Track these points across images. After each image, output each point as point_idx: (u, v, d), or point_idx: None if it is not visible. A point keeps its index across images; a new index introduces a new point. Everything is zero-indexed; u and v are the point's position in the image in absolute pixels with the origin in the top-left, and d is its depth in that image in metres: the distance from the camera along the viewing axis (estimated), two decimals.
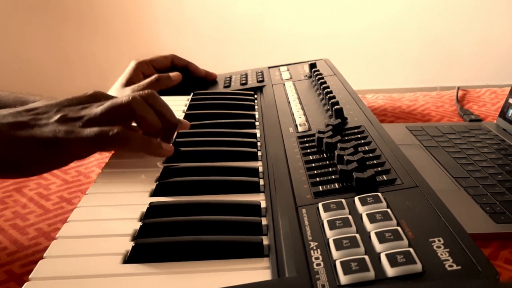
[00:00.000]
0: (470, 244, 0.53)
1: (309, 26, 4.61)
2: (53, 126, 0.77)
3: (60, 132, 0.76)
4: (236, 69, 1.53)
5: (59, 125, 0.77)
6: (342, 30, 4.64)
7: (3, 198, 0.96)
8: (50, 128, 0.77)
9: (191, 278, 0.57)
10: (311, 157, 0.80)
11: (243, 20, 4.58)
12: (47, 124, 0.77)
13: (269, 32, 4.61)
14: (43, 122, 0.78)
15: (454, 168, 1.01)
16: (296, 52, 4.44)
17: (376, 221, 0.58)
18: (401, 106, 1.49)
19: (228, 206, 0.71)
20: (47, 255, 0.60)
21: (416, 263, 0.50)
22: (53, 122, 0.78)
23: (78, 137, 0.76)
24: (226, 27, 4.59)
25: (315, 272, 0.52)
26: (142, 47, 4.52)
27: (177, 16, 4.53)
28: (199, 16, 4.53)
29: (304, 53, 4.03)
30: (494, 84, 3.71)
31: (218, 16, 4.55)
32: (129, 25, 4.52)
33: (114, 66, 2.93)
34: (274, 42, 4.62)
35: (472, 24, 4.65)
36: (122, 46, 4.55)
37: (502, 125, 1.26)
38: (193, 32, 4.57)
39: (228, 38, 4.63)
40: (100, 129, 0.77)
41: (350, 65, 3.47)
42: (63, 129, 0.76)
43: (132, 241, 0.63)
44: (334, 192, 0.68)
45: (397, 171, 0.71)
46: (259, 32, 4.61)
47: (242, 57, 4.62)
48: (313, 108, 1.03)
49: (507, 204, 0.88)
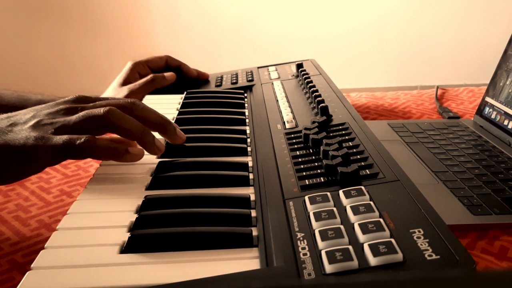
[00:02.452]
0: (449, 235, 0.53)
1: (296, 28, 4.61)
2: (25, 132, 0.74)
3: (31, 139, 0.72)
4: (227, 69, 1.53)
5: (31, 131, 0.74)
6: (328, 32, 4.64)
7: (6, 192, 0.96)
8: (22, 135, 0.73)
9: (185, 267, 0.57)
10: (298, 153, 0.80)
11: (234, 23, 4.57)
12: (20, 131, 0.74)
13: (258, 33, 4.61)
14: (17, 129, 0.75)
15: (434, 163, 1.02)
16: (284, 52, 4.43)
17: (359, 213, 0.58)
18: (383, 104, 1.50)
19: (220, 199, 0.71)
20: (48, 245, 0.60)
21: (398, 253, 0.50)
22: (26, 128, 0.75)
23: (46, 144, 0.72)
24: (218, 29, 4.59)
25: (302, 261, 0.52)
26: (138, 48, 4.51)
27: (172, 20, 4.52)
28: (193, 19, 4.52)
29: (291, 53, 4.03)
30: (471, 83, 3.72)
31: (211, 19, 4.54)
32: (126, 28, 4.51)
33: (111, 67, 2.93)
34: (263, 43, 4.62)
35: (450, 26, 4.66)
36: (119, 48, 4.54)
37: (479, 122, 1.27)
38: (187, 34, 4.56)
39: (220, 39, 4.62)
40: (68, 138, 0.73)
41: (335, 65, 3.48)
42: (33, 135, 0.73)
43: (129, 232, 0.63)
44: (319, 185, 0.68)
45: (380, 165, 0.71)
46: (249, 33, 4.61)
47: (233, 58, 4.62)
48: (300, 106, 1.03)
49: (484, 197, 0.88)
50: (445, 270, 0.48)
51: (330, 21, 4.62)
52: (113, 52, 4.53)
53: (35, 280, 0.54)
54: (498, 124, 1.19)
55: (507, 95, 1.19)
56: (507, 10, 4.37)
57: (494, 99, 1.24)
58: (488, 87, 1.28)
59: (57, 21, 4.41)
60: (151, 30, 4.56)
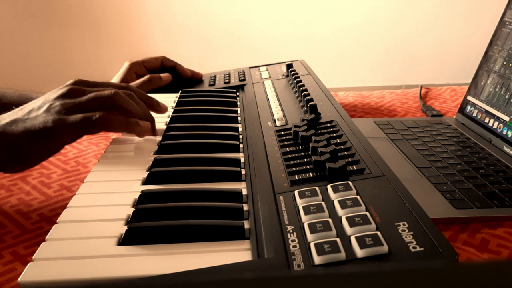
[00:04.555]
0: (432, 228, 0.53)
1: (286, 29, 4.61)
2: (42, 117, 0.80)
3: (49, 121, 0.79)
4: (220, 68, 1.53)
5: (47, 115, 0.80)
6: (317, 33, 4.64)
7: (9, 186, 0.96)
8: (40, 119, 0.79)
9: (179, 259, 0.57)
10: (288, 149, 0.80)
11: (226, 24, 4.57)
12: (37, 117, 0.80)
13: (250, 34, 4.61)
14: (33, 115, 0.81)
15: (418, 159, 1.02)
16: (274, 53, 4.44)
17: (346, 207, 0.58)
18: (369, 103, 1.50)
19: (213, 193, 0.71)
20: (49, 238, 0.60)
21: (383, 245, 0.50)
22: (42, 113, 0.81)
23: (65, 124, 0.79)
24: (211, 30, 4.58)
25: (292, 253, 0.52)
26: (135, 49, 4.50)
27: (168, 21, 4.51)
28: (187, 21, 4.51)
29: (281, 54, 4.04)
30: (453, 83, 3.74)
31: (205, 21, 4.54)
32: (124, 30, 4.50)
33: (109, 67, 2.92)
34: (255, 44, 4.62)
35: (434, 28, 4.67)
36: (116, 48, 4.53)
37: (461, 120, 1.27)
38: (182, 36, 4.55)
39: (213, 40, 4.62)
40: (84, 115, 0.81)
41: (323, 65, 3.48)
42: (50, 118, 0.79)
43: (126, 225, 0.63)
44: (308, 180, 0.68)
45: (366, 161, 0.71)
46: (241, 35, 4.61)
47: (226, 58, 4.61)
48: (289, 104, 1.03)
49: (465, 192, 0.88)
50: (429, 261, 0.49)
51: (319, 23, 4.62)
52: (112, 52, 4.52)
53: (36, 271, 0.54)
54: (479, 121, 1.19)
55: (487, 94, 1.19)
56: (488, 12, 4.36)
57: (475, 98, 1.24)
58: (470, 87, 1.28)
59: (58, 23, 4.40)
60: (147, 31, 4.56)
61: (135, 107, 0.88)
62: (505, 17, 1.22)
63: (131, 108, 0.88)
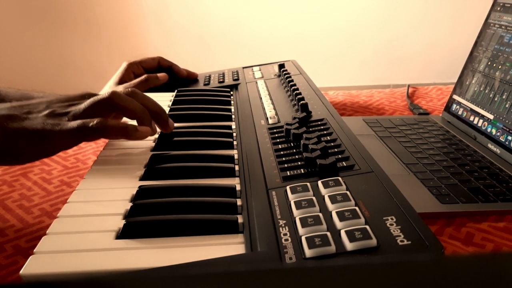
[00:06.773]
0: (419, 222, 0.53)
1: (278, 30, 4.60)
2: (41, 119, 0.77)
3: (48, 125, 0.76)
4: (215, 68, 1.53)
5: (47, 119, 0.78)
6: (307, 34, 4.64)
7: (11, 182, 0.96)
8: (38, 121, 0.77)
9: (175, 252, 0.57)
10: (280, 146, 0.80)
11: (221, 25, 4.57)
12: (36, 118, 0.78)
13: (244, 35, 4.60)
14: (33, 116, 0.78)
15: (405, 156, 1.02)
16: (267, 53, 4.43)
17: (336, 202, 0.58)
18: (358, 102, 1.50)
19: (208, 188, 0.71)
20: (50, 232, 0.60)
21: (372, 239, 0.50)
22: (42, 116, 0.78)
23: (63, 129, 0.76)
24: (206, 32, 4.57)
25: (284, 246, 0.52)
26: (133, 49, 4.50)
27: (164, 23, 4.51)
28: (183, 22, 4.51)
29: (274, 54, 4.03)
30: (440, 82, 3.74)
31: (200, 23, 4.53)
32: (121, 30, 4.50)
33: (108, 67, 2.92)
34: (249, 44, 4.61)
35: (420, 29, 4.67)
36: (114, 49, 4.52)
37: (447, 118, 1.27)
38: (178, 37, 4.55)
39: (208, 41, 4.61)
40: (82, 121, 0.77)
41: (314, 65, 3.48)
42: (50, 122, 0.77)
43: (124, 219, 0.63)
44: (300, 176, 0.68)
45: (355, 158, 0.71)
46: (236, 35, 4.60)
47: (220, 58, 4.61)
48: (281, 103, 1.03)
49: (451, 187, 0.88)
50: (416, 254, 0.49)
51: (310, 24, 4.62)
52: (108, 53, 4.51)
53: (37, 264, 0.54)
54: (465, 119, 1.19)
55: (472, 93, 1.20)
56: (473, 13, 4.36)
57: (461, 96, 1.24)
58: (456, 86, 1.28)
59: (56, 24, 4.38)
60: (145, 33, 4.55)
61: (135, 104, 0.84)
62: (489, 19, 1.22)
63: (132, 106, 0.84)
